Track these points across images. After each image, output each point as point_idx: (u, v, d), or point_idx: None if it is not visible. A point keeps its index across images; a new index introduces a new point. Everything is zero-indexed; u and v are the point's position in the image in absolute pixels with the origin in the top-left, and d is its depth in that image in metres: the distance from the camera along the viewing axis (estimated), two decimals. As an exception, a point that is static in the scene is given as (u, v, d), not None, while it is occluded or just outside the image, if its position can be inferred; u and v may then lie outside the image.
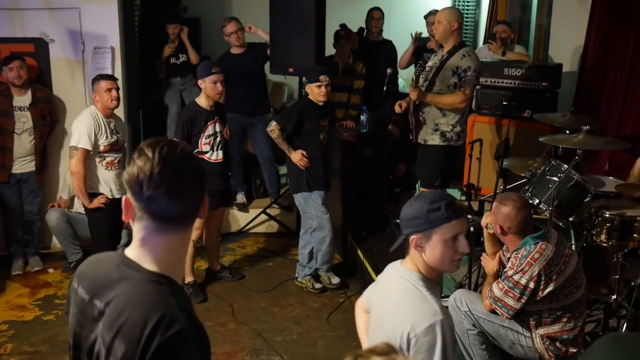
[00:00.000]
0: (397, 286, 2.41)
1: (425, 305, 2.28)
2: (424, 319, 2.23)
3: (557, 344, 3.59)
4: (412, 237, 2.35)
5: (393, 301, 2.40)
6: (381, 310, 2.48)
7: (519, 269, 3.48)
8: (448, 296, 4.13)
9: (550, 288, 3.47)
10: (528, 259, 3.48)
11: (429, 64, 5.42)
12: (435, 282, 2.44)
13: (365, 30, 7.23)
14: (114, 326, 1.61)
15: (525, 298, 3.49)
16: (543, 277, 3.45)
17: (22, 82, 5.56)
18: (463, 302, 3.80)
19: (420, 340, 2.20)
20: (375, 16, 7.10)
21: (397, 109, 5.41)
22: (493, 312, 3.66)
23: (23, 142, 5.66)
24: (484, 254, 4.00)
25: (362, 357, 1.41)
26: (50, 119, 5.81)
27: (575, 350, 3.58)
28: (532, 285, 3.46)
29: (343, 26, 6.69)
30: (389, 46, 7.27)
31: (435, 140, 5.31)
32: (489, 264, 3.88)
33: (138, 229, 1.68)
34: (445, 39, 5.21)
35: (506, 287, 3.53)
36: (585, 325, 3.70)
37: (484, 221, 3.84)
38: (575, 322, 3.58)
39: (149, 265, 1.68)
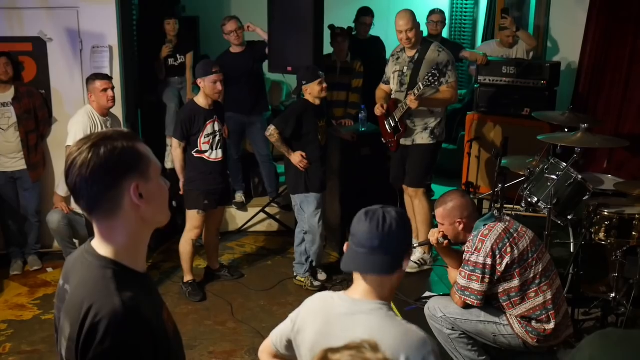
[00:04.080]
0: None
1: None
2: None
3: (533, 323, 3.62)
4: None
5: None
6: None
7: (474, 249, 3.57)
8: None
9: (506, 261, 3.52)
10: (479, 237, 3.58)
11: (396, 68, 5.49)
12: None
13: (354, 29, 7.21)
14: (65, 307, 1.74)
15: (488, 277, 3.54)
16: (497, 252, 3.52)
17: (8, 78, 5.58)
18: (437, 308, 3.83)
19: None
20: (365, 22, 7.09)
21: (378, 112, 5.45)
22: (466, 307, 3.68)
23: (10, 138, 5.65)
24: (449, 269, 4.01)
25: (334, 351, 1.41)
26: (36, 114, 5.79)
27: (552, 327, 3.59)
28: (489, 261, 3.52)
29: (332, 27, 6.66)
30: (378, 43, 7.30)
31: (425, 139, 5.42)
32: (453, 274, 3.91)
33: None
34: (417, 42, 5.35)
35: (468, 272, 3.59)
36: (559, 301, 3.67)
37: (433, 239, 3.80)
38: (543, 295, 3.59)
39: (101, 250, 1.75)
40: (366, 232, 2.14)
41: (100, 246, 1.76)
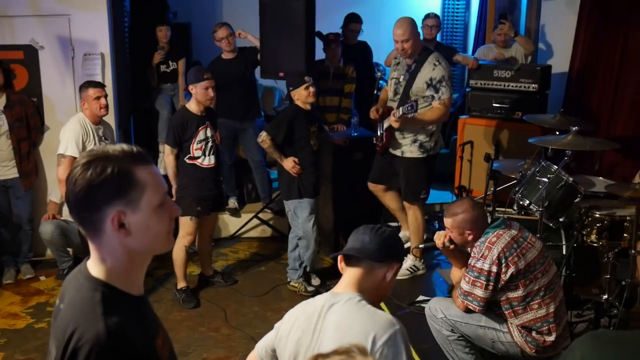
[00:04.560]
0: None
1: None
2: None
3: (534, 334, 3.61)
4: None
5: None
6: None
7: (480, 255, 3.54)
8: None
9: (511, 271, 3.51)
10: (486, 243, 3.55)
11: (394, 74, 5.39)
12: None
13: (342, 35, 7.22)
14: (53, 329, 1.70)
15: (492, 284, 3.52)
16: (503, 260, 3.51)
17: None
18: (438, 309, 3.82)
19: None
20: (354, 29, 7.08)
21: (373, 115, 5.37)
22: (467, 311, 3.68)
23: (1, 146, 5.63)
24: (452, 269, 4.01)
25: (323, 356, 1.41)
26: (28, 122, 5.78)
27: (552, 339, 3.59)
28: (494, 269, 3.50)
29: (318, 33, 6.64)
30: (365, 47, 7.31)
31: (414, 152, 5.30)
32: (456, 274, 3.91)
33: None
34: (415, 52, 5.16)
35: (472, 278, 3.57)
36: (561, 314, 3.69)
37: (439, 243, 3.80)
38: (546, 308, 3.59)
39: (93, 270, 1.68)
40: (360, 233, 2.42)
41: (93, 266, 1.69)
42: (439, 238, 3.77)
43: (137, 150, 1.68)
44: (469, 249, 3.77)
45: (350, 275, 2.39)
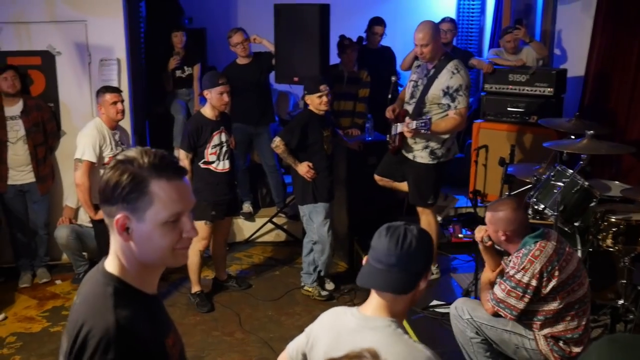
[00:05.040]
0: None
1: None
2: None
3: (561, 343, 3.58)
4: None
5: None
6: None
7: (521, 268, 3.49)
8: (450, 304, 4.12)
9: (552, 284, 3.47)
10: (529, 256, 3.49)
11: (413, 77, 5.32)
12: None
13: (365, 39, 7.25)
14: (67, 323, 1.74)
15: (529, 297, 3.48)
16: (545, 274, 3.46)
17: (15, 91, 5.63)
18: (464, 310, 3.79)
19: None
20: (377, 32, 7.10)
21: (389, 114, 5.30)
22: (495, 315, 3.65)
23: (18, 151, 5.69)
24: (485, 269, 3.99)
25: None
26: (45, 127, 5.83)
27: (579, 350, 3.56)
28: (534, 282, 3.46)
29: (342, 37, 6.69)
30: (388, 52, 7.33)
31: (424, 158, 5.24)
32: (486, 274, 3.89)
33: None
34: (434, 57, 5.08)
35: (509, 287, 3.53)
36: (589, 325, 3.69)
37: (477, 236, 3.81)
38: (578, 320, 3.56)
39: (109, 266, 1.75)
40: (385, 249, 2.14)
41: (109, 261, 1.76)
42: (479, 232, 3.77)
43: (166, 161, 1.70)
44: (503, 249, 3.77)
45: (380, 300, 2.20)
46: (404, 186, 5.57)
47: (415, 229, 2.16)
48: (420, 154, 5.25)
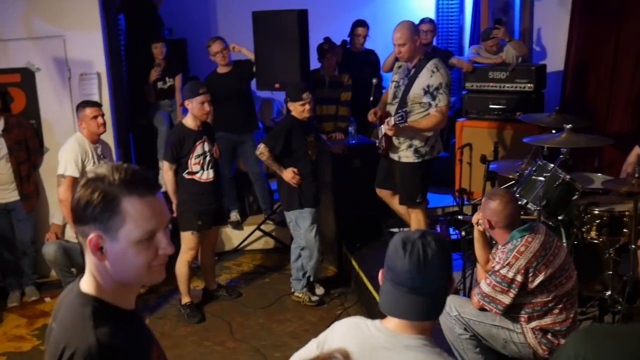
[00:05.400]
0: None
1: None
2: None
3: (549, 336, 3.60)
4: None
5: None
6: None
7: (506, 263, 3.52)
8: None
9: (539, 279, 3.49)
10: (514, 252, 3.52)
11: (395, 78, 5.36)
12: None
13: (349, 42, 7.29)
14: (47, 348, 1.74)
15: (514, 292, 3.51)
16: (530, 270, 3.49)
17: None
18: (452, 307, 3.81)
19: None
20: (360, 33, 7.16)
21: (371, 118, 5.33)
22: (482, 310, 3.67)
23: (1, 170, 5.66)
24: (478, 267, 4.02)
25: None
26: (27, 144, 5.81)
27: None
28: (519, 278, 3.48)
29: (327, 39, 6.73)
30: (372, 55, 7.36)
31: (409, 157, 5.26)
32: (481, 273, 3.93)
33: None
34: (413, 57, 5.13)
35: (494, 282, 3.56)
36: (577, 317, 3.71)
37: (475, 218, 3.89)
38: (567, 313, 3.59)
39: (84, 286, 1.72)
40: (406, 271, 1.97)
41: (84, 281, 1.73)
42: (477, 214, 3.83)
43: (138, 177, 1.65)
44: (493, 252, 3.84)
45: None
46: (400, 207, 5.58)
47: (433, 242, 1.99)
48: (405, 153, 5.27)
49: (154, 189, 1.68)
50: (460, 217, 4.97)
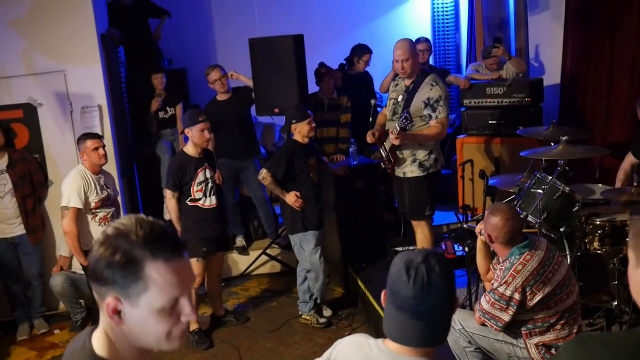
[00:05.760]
0: None
1: None
2: None
3: (553, 351, 3.60)
4: None
5: None
6: None
7: (503, 281, 3.53)
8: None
9: (538, 297, 3.50)
10: (511, 270, 3.53)
11: (392, 95, 5.45)
12: None
13: (347, 65, 7.35)
14: None
15: (513, 309, 3.51)
16: (528, 288, 3.49)
17: (0, 146, 5.68)
18: (456, 320, 3.82)
19: None
20: (366, 59, 7.28)
21: (369, 139, 5.41)
22: (484, 325, 3.68)
23: (7, 205, 5.73)
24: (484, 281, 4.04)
25: None
26: (32, 178, 5.88)
27: None
28: (517, 296, 3.48)
29: (322, 64, 6.80)
30: (368, 76, 7.46)
31: (414, 172, 5.34)
32: (487, 285, 3.95)
33: None
34: (413, 73, 5.25)
35: (492, 300, 3.57)
36: (581, 332, 3.71)
37: (477, 228, 3.93)
38: (569, 329, 3.59)
39: (98, 347, 1.60)
40: (410, 297, 1.94)
41: (98, 339, 1.61)
42: (481, 224, 3.86)
43: (164, 237, 1.52)
44: (494, 264, 3.88)
45: None
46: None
47: (437, 265, 1.95)
48: (410, 168, 5.36)
49: (181, 251, 1.54)
50: (465, 225, 4.98)
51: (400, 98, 5.35)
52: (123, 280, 1.48)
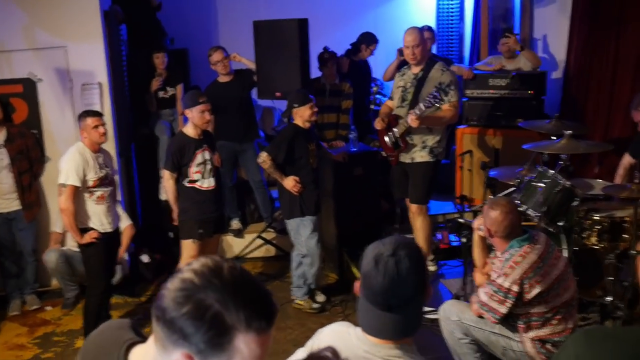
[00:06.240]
0: None
1: None
2: None
3: (548, 346, 3.60)
4: None
5: None
6: None
7: (502, 272, 3.52)
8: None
9: (536, 290, 3.49)
10: (510, 262, 3.52)
11: (400, 83, 5.51)
12: None
13: (352, 52, 7.32)
14: None
15: (510, 301, 3.51)
16: (526, 281, 3.48)
17: None
18: (453, 312, 3.82)
19: None
20: (372, 49, 7.32)
21: (378, 125, 5.48)
22: (481, 317, 3.68)
23: (3, 179, 5.70)
24: (475, 270, 4.03)
25: None
26: (29, 154, 5.85)
27: None
28: (515, 288, 3.48)
29: (326, 49, 6.77)
30: (367, 64, 7.48)
31: (424, 157, 5.44)
32: (478, 277, 3.94)
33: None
34: (423, 59, 5.37)
35: (491, 291, 3.56)
36: (576, 327, 3.71)
37: (475, 223, 3.94)
38: (565, 324, 3.58)
39: None
40: (380, 290, 1.94)
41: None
42: (478, 219, 3.89)
43: (264, 303, 1.34)
44: (490, 257, 3.87)
45: None
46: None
47: (406, 257, 1.94)
48: (420, 154, 5.46)
49: (274, 321, 1.35)
50: (461, 220, 4.99)
51: (409, 85, 5.45)
52: (205, 345, 1.29)
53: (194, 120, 5.18)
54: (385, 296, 1.93)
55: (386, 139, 5.58)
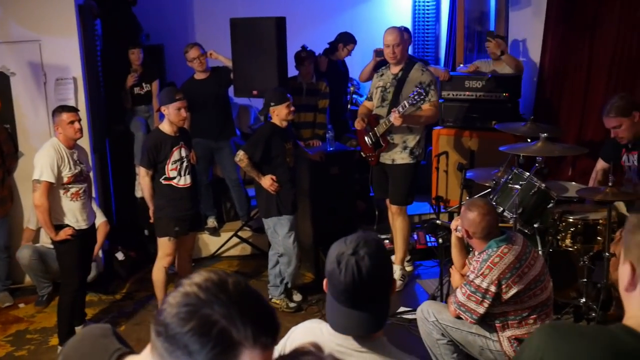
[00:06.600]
0: None
1: None
2: None
3: None
4: None
5: None
6: None
7: (479, 273, 3.56)
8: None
9: (513, 290, 3.53)
10: (488, 262, 3.56)
11: (379, 84, 5.55)
12: None
13: (330, 51, 7.32)
14: None
15: (488, 302, 3.54)
16: (504, 281, 3.52)
17: None
18: (430, 312, 3.85)
19: None
20: (350, 49, 7.32)
21: (358, 125, 5.50)
22: (458, 318, 3.71)
23: None
24: (452, 267, 4.06)
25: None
26: (1, 149, 5.76)
27: None
28: (493, 289, 3.51)
29: (303, 48, 6.77)
30: (344, 64, 7.50)
31: (405, 158, 5.48)
32: (455, 277, 3.96)
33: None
34: (402, 59, 5.42)
35: (468, 292, 3.59)
36: None
37: (453, 224, 3.97)
38: (541, 323, 3.63)
39: None
40: (343, 290, 1.97)
41: None
42: (455, 220, 3.92)
43: (270, 319, 1.30)
44: (469, 258, 3.90)
45: None
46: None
47: (366, 256, 1.96)
48: (400, 155, 5.51)
49: (278, 337, 1.32)
50: (438, 221, 5.03)
51: (388, 85, 5.49)
52: (207, 358, 1.24)
53: (170, 117, 5.14)
54: (349, 295, 1.96)
55: (366, 139, 5.61)
